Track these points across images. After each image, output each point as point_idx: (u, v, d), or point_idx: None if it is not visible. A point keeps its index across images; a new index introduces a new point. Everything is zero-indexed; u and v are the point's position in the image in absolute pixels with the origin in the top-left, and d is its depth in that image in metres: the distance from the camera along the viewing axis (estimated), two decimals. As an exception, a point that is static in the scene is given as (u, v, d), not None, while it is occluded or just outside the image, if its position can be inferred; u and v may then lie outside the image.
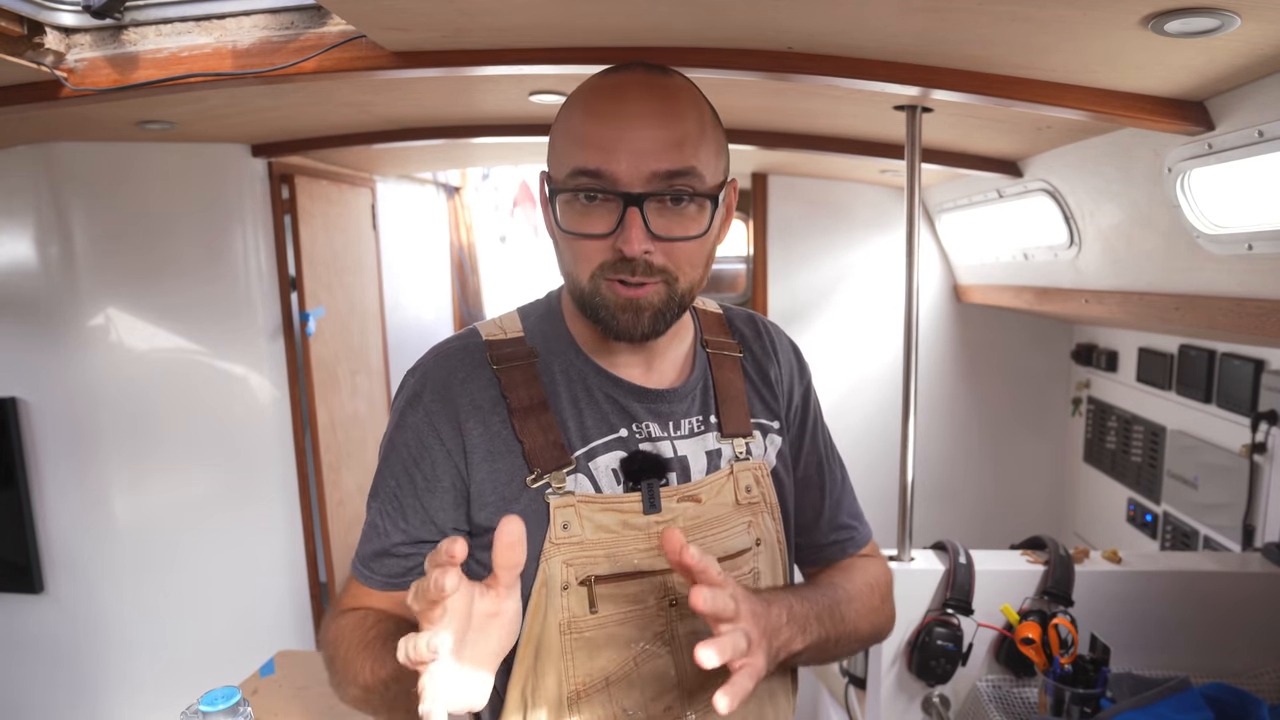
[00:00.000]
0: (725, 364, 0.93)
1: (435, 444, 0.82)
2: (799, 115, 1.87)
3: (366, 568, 0.85)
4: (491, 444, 0.81)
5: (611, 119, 0.75)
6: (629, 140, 0.74)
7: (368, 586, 0.85)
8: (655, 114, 0.76)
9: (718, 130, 0.82)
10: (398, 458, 0.84)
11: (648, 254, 0.76)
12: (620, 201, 0.75)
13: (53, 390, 2.17)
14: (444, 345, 0.88)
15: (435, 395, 0.83)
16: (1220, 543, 1.91)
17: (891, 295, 2.95)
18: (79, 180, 2.11)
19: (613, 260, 0.76)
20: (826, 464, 1.01)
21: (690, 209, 0.77)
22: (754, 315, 1.02)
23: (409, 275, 3.71)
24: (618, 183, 0.74)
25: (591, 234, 0.76)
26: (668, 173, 0.75)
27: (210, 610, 2.37)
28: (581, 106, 0.78)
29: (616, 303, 0.78)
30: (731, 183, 0.85)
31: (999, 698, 1.43)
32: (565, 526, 0.80)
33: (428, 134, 2.15)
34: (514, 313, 0.92)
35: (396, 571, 0.84)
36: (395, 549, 0.83)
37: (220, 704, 1.16)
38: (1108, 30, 0.94)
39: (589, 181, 0.75)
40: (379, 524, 0.85)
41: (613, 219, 0.75)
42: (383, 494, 0.85)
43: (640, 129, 0.75)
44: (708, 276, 0.85)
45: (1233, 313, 1.41)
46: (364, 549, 0.86)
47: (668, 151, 0.75)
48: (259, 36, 1.23)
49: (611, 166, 0.74)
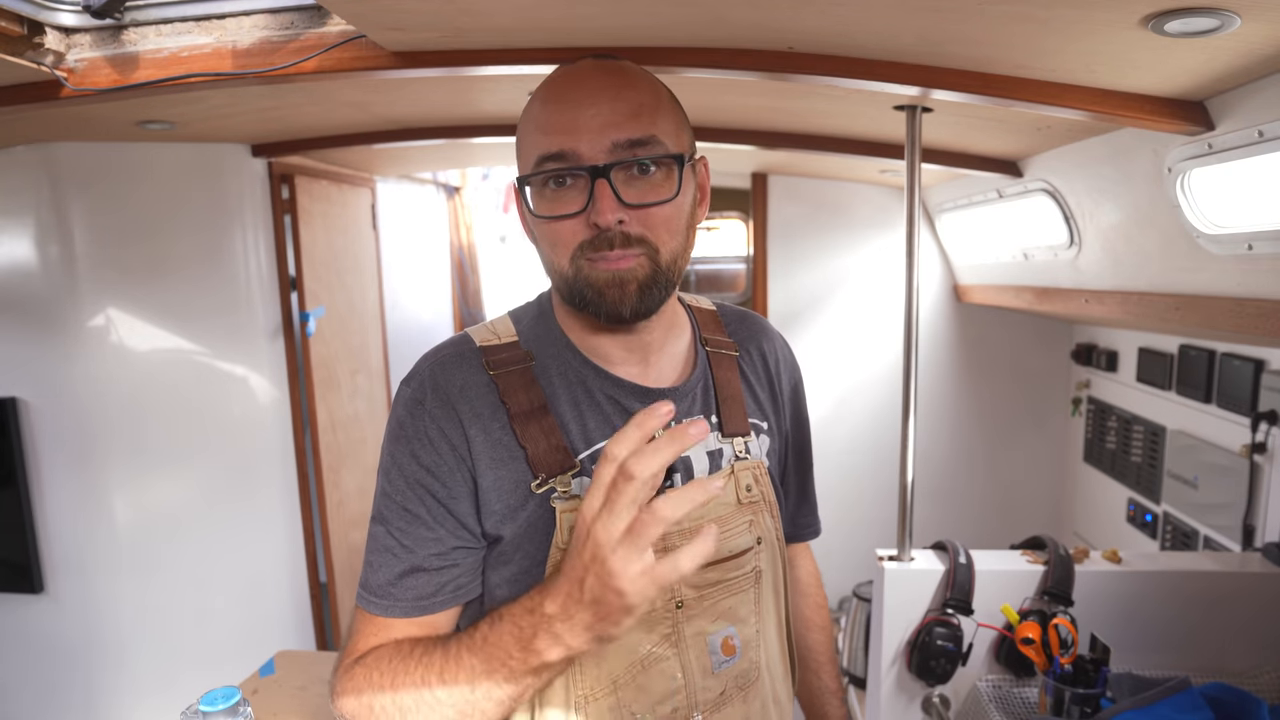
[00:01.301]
0: (724, 363, 0.94)
1: (447, 449, 0.79)
2: (799, 115, 1.87)
3: (386, 597, 0.79)
4: (494, 451, 0.80)
5: (567, 102, 0.77)
6: (586, 117, 0.76)
7: (388, 617, 0.79)
8: (608, 88, 0.77)
9: (675, 106, 0.83)
10: (409, 469, 0.80)
11: (622, 223, 0.76)
12: (588, 178, 0.75)
13: (53, 390, 2.17)
14: (437, 352, 0.85)
15: (437, 401, 0.81)
16: (1220, 543, 1.91)
17: (891, 295, 2.95)
18: (79, 180, 2.11)
19: (590, 238, 0.77)
20: (807, 457, 1.06)
21: (657, 175, 0.78)
22: (746, 312, 1.03)
23: (409, 275, 3.71)
24: (581, 159, 0.75)
25: (564, 215, 0.77)
26: (629, 141, 0.76)
27: (210, 610, 2.37)
28: (539, 99, 0.80)
29: (601, 280, 0.78)
30: (701, 159, 0.86)
31: (999, 698, 1.43)
32: (572, 530, 0.79)
33: (428, 134, 2.15)
34: (505, 316, 0.91)
35: (427, 591, 0.79)
36: (426, 562, 0.79)
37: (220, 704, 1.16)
38: (1108, 30, 0.93)
39: (554, 165, 0.76)
40: (397, 543, 0.79)
41: (583, 197, 0.76)
42: (392, 512, 0.80)
43: (595, 105, 0.76)
44: (690, 252, 0.86)
45: (1233, 313, 1.41)
46: (379, 576, 0.79)
47: (626, 121, 0.76)
48: (259, 36, 1.23)
49: (573, 145, 0.75)
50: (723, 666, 0.85)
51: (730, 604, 0.87)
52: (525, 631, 0.67)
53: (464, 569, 0.80)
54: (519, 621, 0.68)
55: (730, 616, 0.87)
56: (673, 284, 0.82)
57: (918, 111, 1.44)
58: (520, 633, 0.67)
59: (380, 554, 0.80)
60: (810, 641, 1.14)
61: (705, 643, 0.84)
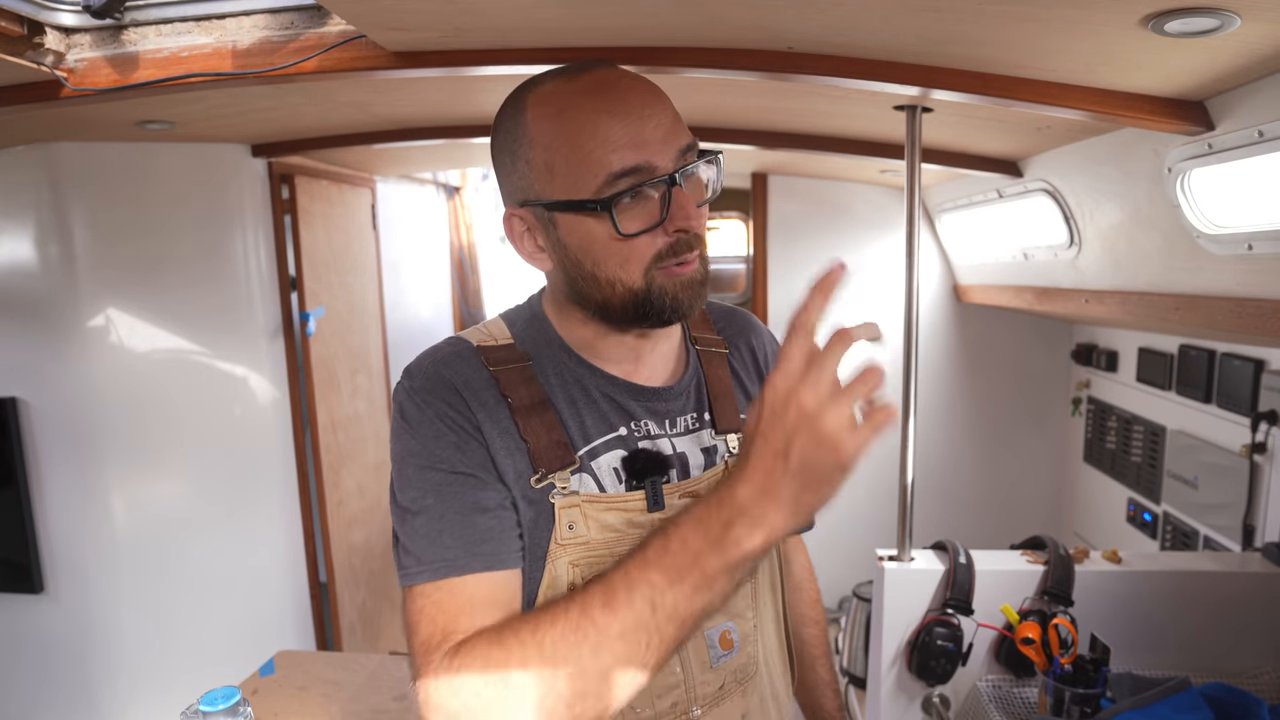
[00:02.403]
0: (714, 360, 0.94)
1: (468, 425, 0.77)
2: (799, 115, 1.87)
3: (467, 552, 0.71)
4: (502, 440, 0.79)
5: (626, 115, 0.75)
6: (650, 128, 0.76)
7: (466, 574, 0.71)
8: (652, 99, 0.78)
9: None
10: (433, 450, 0.76)
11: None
12: (665, 186, 0.76)
13: (53, 390, 2.17)
14: (435, 352, 0.84)
15: (446, 390, 0.79)
16: (1220, 543, 1.91)
17: (891, 295, 2.95)
18: (79, 180, 2.11)
19: (670, 244, 0.77)
20: None
21: (704, 176, 0.81)
22: (733, 309, 1.04)
23: (409, 275, 3.71)
24: (656, 170, 0.76)
25: (647, 228, 0.76)
26: (685, 147, 0.78)
27: (210, 610, 2.37)
28: (581, 113, 0.75)
29: (676, 287, 0.79)
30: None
31: (999, 698, 1.43)
32: (571, 527, 0.79)
33: (428, 134, 2.15)
34: (498, 319, 0.90)
35: (499, 529, 0.74)
36: (495, 511, 0.74)
37: (220, 704, 1.16)
38: (1108, 30, 0.94)
39: (632, 180, 0.75)
40: (446, 509, 0.73)
41: (657, 208, 0.76)
42: (430, 492, 0.75)
43: (653, 115, 0.76)
44: None
45: (1233, 313, 1.41)
46: (429, 546, 0.72)
47: (677, 126, 0.78)
48: (259, 36, 1.23)
49: (649, 157, 0.75)
50: (721, 661, 0.86)
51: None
52: (714, 526, 0.63)
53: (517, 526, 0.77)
54: (704, 518, 0.64)
55: (728, 610, 0.87)
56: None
57: (918, 111, 1.44)
58: (708, 530, 0.63)
59: (429, 522, 0.73)
60: (805, 636, 1.15)
61: (703, 637, 0.85)
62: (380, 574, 3.09)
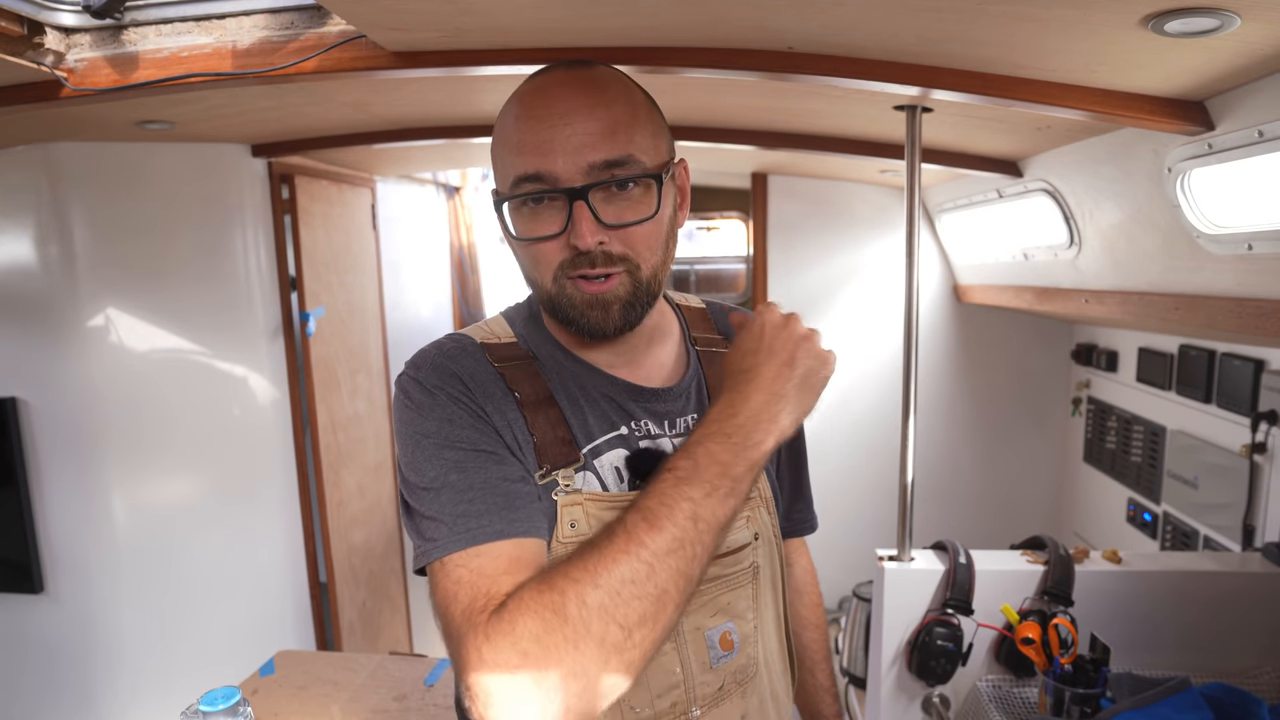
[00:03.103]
0: (715, 360, 0.94)
1: (475, 408, 0.77)
2: (799, 115, 1.87)
3: (503, 518, 0.70)
4: (509, 432, 0.78)
5: (541, 120, 0.76)
6: (561, 138, 0.75)
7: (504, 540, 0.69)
8: (582, 107, 0.76)
9: (652, 112, 0.82)
10: (447, 431, 0.75)
11: (603, 244, 0.76)
12: (565, 199, 0.75)
13: (53, 390, 2.17)
14: (439, 346, 0.84)
15: (454, 381, 0.79)
16: (1220, 543, 1.91)
17: (891, 295, 2.95)
18: (79, 180, 2.11)
19: (570, 257, 0.77)
20: (801, 452, 1.07)
21: (636, 192, 0.78)
22: (736, 309, 1.03)
23: (409, 275, 3.71)
24: (558, 180, 0.75)
25: (544, 236, 0.77)
26: (605, 163, 0.75)
27: (210, 610, 2.37)
28: (512, 114, 0.79)
29: (582, 300, 0.78)
30: (680, 162, 0.86)
31: (999, 698, 1.43)
32: (573, 525, 0.79)
33: (428, 134, 2.15)
34: (499, 317, 0.91)
35: (522, 499, 0.73)
36: (520, 482, 0.74)
37: (220, 704, 1.16)
38: (1108, 30, 0.94)
39: (531, 186, 0.76)
40: (472, 481, 0.72)
41: (561, 217, 0.76)
42: (447, 474, 0.73)
43: (570, 124, 0.75)
44: (671, 260, 0.86)
45: (1233, 313, 1.41)
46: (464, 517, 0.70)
47: (601, 142, 0.75)
48: (259, 36, 1.23)
49: (549, 166, 0.75)
50: (721, 661, 0.86)
51: (728, 599, 0.87)
52: (735, 435, 0.70)
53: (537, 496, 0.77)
54: (723, 430, 0.71)
55: (728, 612, 0.87)
56: (655, 297, 0.83)
57: (918, 111, 1.44)
58: (729, 439, 0.70)
59: (460, 505, 0.71)
60: (805, 640, 1.14)
61: (703, 637, 0.85)
62: (380, 574, 3.09)
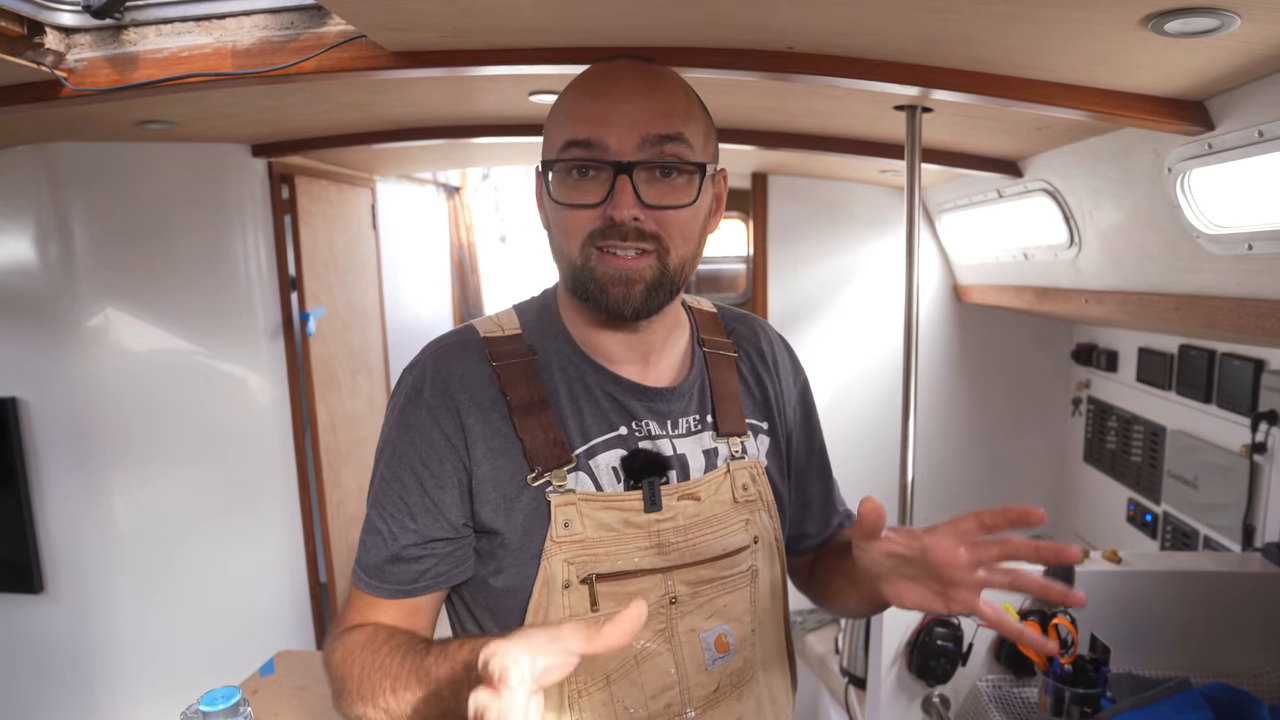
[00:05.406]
0: (721, 363, 0.94)
1: (440, 439, 0.81)
2: (799, 115, 1.87)
3: (374, 577, 0.83)
4: (491, 441, 0.81)
5: (602, 94, 0.79)
6: (619, 111, 0.77)
7: (375, 597, 0.83)
8: (644, 89, 0.78)
9: (705, 116, 0.85)
10: (401, 458, 0.82)
11: (637, 220, 0.77)
12: (611, 173, 0.76)
13: (53, 390, 2.17)
14: (441, 341, 0.87)
15: (436, 390, 0.82)
16: (1220, 543, 1.91)
17: (891, 295, 2.95)
18: (79, 180, 2.11)
19: (602, 227, 0.77)
20: (825, 462, 1.05)
21: (679, 180, 0.79)
22: (747, 315, 1.03)
23: (409, 275, 3.71)
24: (608, 151, 0.76)
25: (583, 204, 0.78)
26: (658, 137, 0.77)
27: (210, 610, 2.37)
28: (573, 89, 0.82)
29: (607, 275, 0.78)
30: (721, 171, 0.87)
31: (999, 698, 1.43)
32: (567, 525, 0.79)
33: (428, 134, 2.15)
34: (510, 310, 0.92)
35: (408, 578, 0.82)
36: (405, 551, 0.82)
37: (220, 704, 1.16)
38: (1108, 30, 0.94)
39: (580, 152, 0.77)
40: (384, 529, 0.82)
41: (603, 191, 0.77)
42: (386, 497, 0.83)
43: (630, 101, 0.77)
44: (699, 259, 0.86)
45: (1233, 313, 1.41)
46: (369, 558, 0.83)
47: (656, 119, 0.77)
48: (259, 36, 1.23)
49: (602, 135, 0.76)
50: (716, 663, 0.86)
51: (725, 602, 0.87)
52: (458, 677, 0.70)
53: (441, 558, 0.83)
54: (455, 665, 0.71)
55: (724, 614, 0.87)
56: (678, 288, 0.83)
57: (918, 111, 1.44)
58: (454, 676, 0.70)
59: (371, 535, 0.84)
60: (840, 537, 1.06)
61: (698, 639, 0.85)
62: (380, 574, 3.09)
